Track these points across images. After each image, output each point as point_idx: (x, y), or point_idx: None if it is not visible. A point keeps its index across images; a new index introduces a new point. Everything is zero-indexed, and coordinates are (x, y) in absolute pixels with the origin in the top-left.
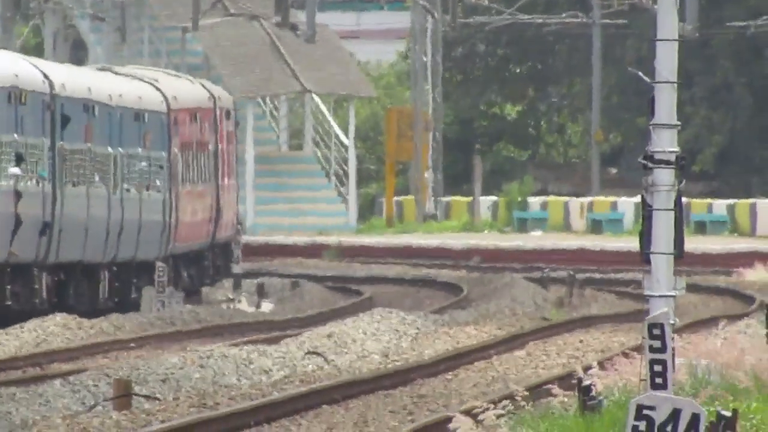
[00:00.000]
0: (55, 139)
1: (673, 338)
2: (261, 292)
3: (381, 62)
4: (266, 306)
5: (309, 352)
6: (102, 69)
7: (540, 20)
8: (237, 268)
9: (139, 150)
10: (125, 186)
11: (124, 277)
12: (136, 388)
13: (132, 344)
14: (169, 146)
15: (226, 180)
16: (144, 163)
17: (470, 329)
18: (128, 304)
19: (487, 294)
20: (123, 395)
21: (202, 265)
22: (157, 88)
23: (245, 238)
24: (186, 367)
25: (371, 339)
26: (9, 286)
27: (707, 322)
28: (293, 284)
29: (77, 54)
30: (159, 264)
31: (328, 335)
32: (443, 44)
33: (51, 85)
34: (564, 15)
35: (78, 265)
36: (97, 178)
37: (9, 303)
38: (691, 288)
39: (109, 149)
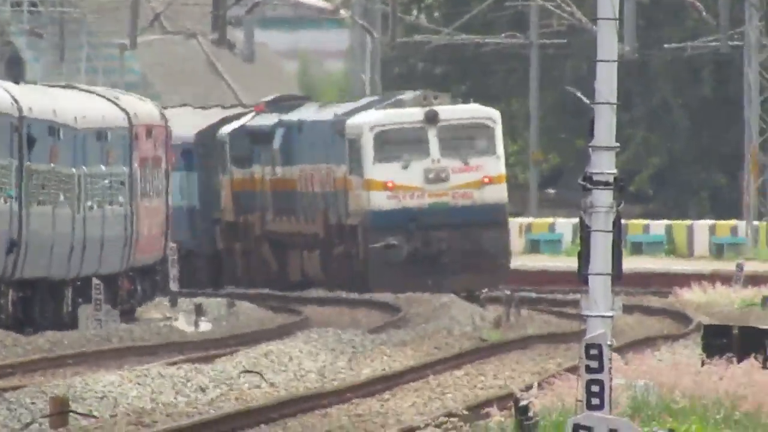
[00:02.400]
0: (22, 159)
1: (610, 358)
2: (198, 311)
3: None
4: (204, 325)
5: (245, 371)
6: (67, 87)
7: (478, 40)
8: (174, 286)
9: (102, 167)
10: (89, 203)
11: (88, 292)
12: (73, 406)
13: (69, 361)
14: (131, 162)
15: (170, 196)
16: (106, 180)
17: (407, 349)
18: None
19: (425, 314)
20: (60, 412)
21: (155, 279)
22: (119, 105)
23: None
24: (123, 385)
25: (308, 358)
26: None
27: (645, 343)
28: (230, 303)
29: (13, 70)
30: (95, 281)
31: (265, 354)
32: (382, 63)
33: (19, 108)
34: (502, 35)
35: (44, 281)
36: (62, 197)
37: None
38: (629, 308)
39: (73, 169)
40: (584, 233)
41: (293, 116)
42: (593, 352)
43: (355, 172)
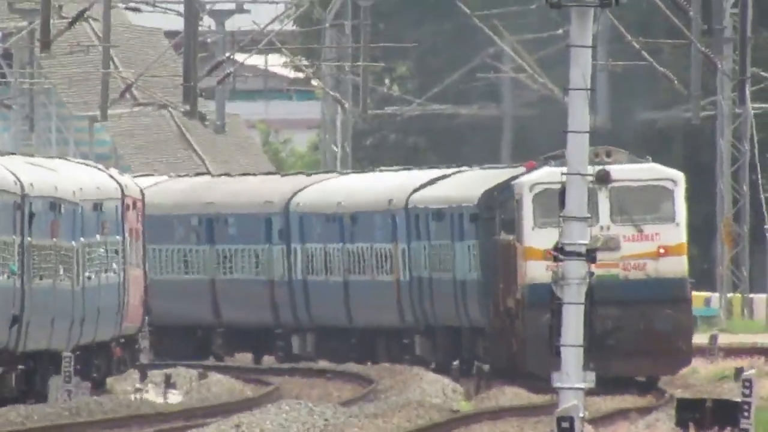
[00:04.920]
0: (24, 236)
1: (582, 431)
2: (168, 383)
3: (293, 150)
4: (173, 397)
5: None
6: (59, 158)
7: (451, 111)
8: (144, 358)
9: (98, 237)
10: (87, 274)
11: (86, 360)
12: None
13: None
14: (123, 230)
15: (146, 266)
16: (102, 249)
17: (379, 422)
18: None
19: (396, 385)
20: None
21: (134, 348)
22: (111, 176)
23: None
24: None
25: (279, 430)
26: None
27: (618, 415)
28: (200, 375)
29: None
30: (66, 354)
31: (236, 425)
32: (354, 134)
33: (22, 186)
34: (475, 106)
35: (45, 353)
36: (61, 271)
37: None
38: (600, 380)
39: (73, 242)
40: (555, 306)
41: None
42: (565, 425)
43: (517, 239)
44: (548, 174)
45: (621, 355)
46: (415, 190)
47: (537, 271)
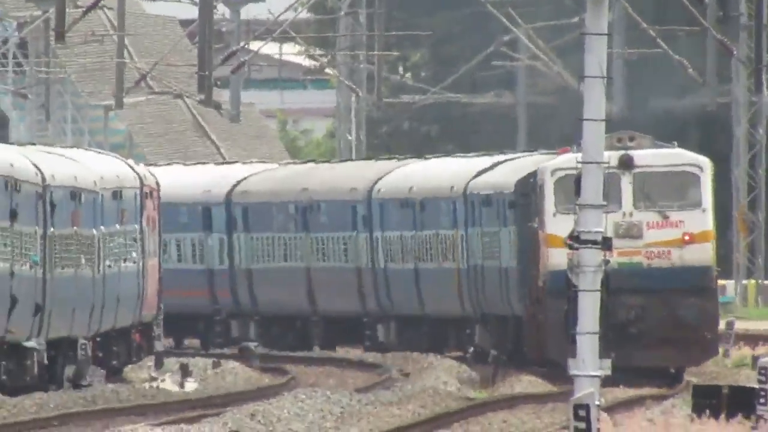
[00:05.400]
0: (46, 226)
1: (598, 419)
2: (184, 371)
3: (310, 139)
4: (189, 385)
5: (232, 431)
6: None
7: (465, 99)
8: (159, 346)
9: (117, 226)
10: (107, 263)
11: (106, 347)
12: None
13: (55, 423)
14: (141, 219)
15: (161, 256)
16: (121, 238)
17: (394, 409)
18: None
19: (411, 373)
20: None
21: (150, 336)
22: (130, 166)
23: None
24: None
25: (295, 419)
26: (4, 362)
27: (634, 402)
28: (215, 363)
29: None
30: (81, 341)
31: (252, 414)
32: (368, 122)
33: (43, 177)
34: (490, 94)
35: (66, 339)
36: (83, 260)
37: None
38: (624, 371)
39: (93, 231)
40: (571, 293)
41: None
42: (581, 412)
43: (540, 226)
44: (571, 160)
45: (644, 345)
46: (474, 177)
47: (558, 259)
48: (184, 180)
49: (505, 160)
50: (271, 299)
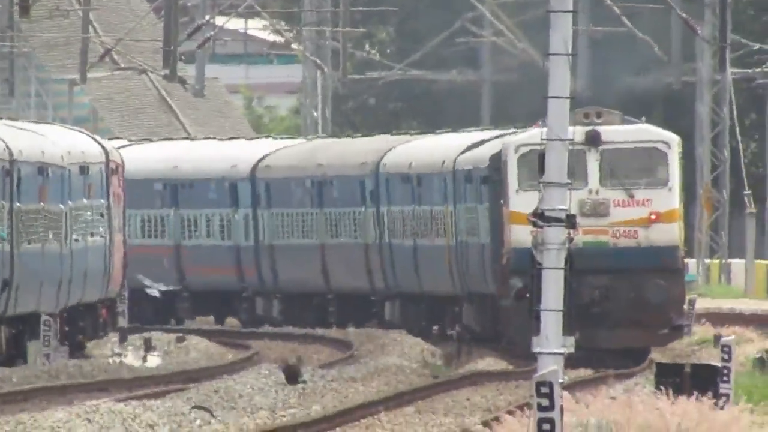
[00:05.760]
0: (13, 202)
1: (561, 396)
2: (147, 347)
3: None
4: (153, 360)
5: (196, 407)
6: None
7: (431, 76)
8: (123, 322)
9: (84, 201)
10: (74, 237)
11: (73, 322)
12: None
13: (18, 397)
14: (108, 194)
15: (126, 231)
16: (88, 213)
17: (358, 385)
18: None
19: (375, 349)
20: None
21: (114, 312)
22: (96, 140)
23: None
24: (72, 421)
25: (258, 394)
26: None
27: (597, 380)
28: (179, 339)
29: None
30: (44, 317)
31: (215, 390)
32: (334, 98)
33: (11, 152)
34: (454, 71)
35: (33, 315)
36: (50, 235)
37: None
38: (588, 352)
39: (61, 206)
40: (535, 270)
41: None
42: (544, 390)
43: (504, 202)
44: (535, 135)
45: (609, 326)
46: (462, 153)
47: (521, 236)
48: (211, 155)
49: (498, 135)
50: (290, 277)
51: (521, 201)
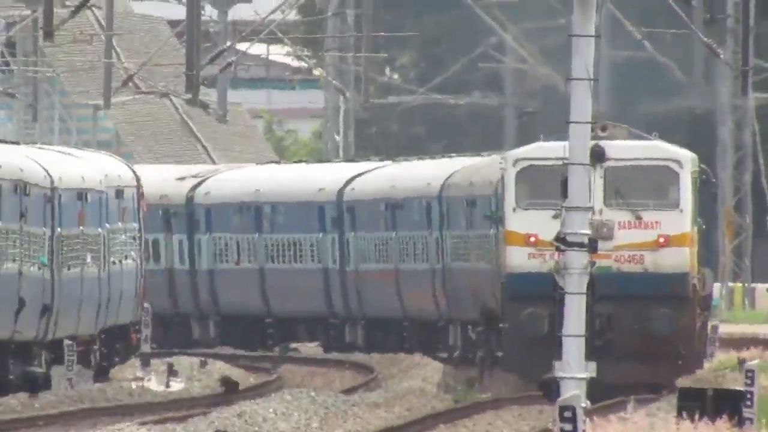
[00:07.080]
0: (54, 228)
1: (584, 421)
2: (170, 371)
3: (297, 139)
4: (175, 385)
5: (218, 431)
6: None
7: (453, 100)
8: (146, 347)
9: (119, 224)
10: (111, 260)
11: (109, 344)
12: None
13: (40, 422)
14: (139, 218)
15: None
16: (123, 236)
17: (380, 410)
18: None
19: (398, 374)
20: None
21: (137, 337)
22: (128, 166)
23: None
24: None
25: (281, 419)
26: (11, 361)
27: (620, 405)
28: (202, 363)
29: None
30: (67, 342)
31: (238, 414)
32: (356, 123)
33: (51, 180)
34: (476, 92)
35: (72, 338)
36: (89, 258)
37: (11, 377)
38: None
39: (99, 230)
40: (557, 295)
41: None
42: (567, 414)
43: (501, 221)
44: (536, 149)
45: (611, 360)
46: (449, 177)
47: (518, 259)
48: (293, 177)
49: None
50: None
51: (519, 220)
